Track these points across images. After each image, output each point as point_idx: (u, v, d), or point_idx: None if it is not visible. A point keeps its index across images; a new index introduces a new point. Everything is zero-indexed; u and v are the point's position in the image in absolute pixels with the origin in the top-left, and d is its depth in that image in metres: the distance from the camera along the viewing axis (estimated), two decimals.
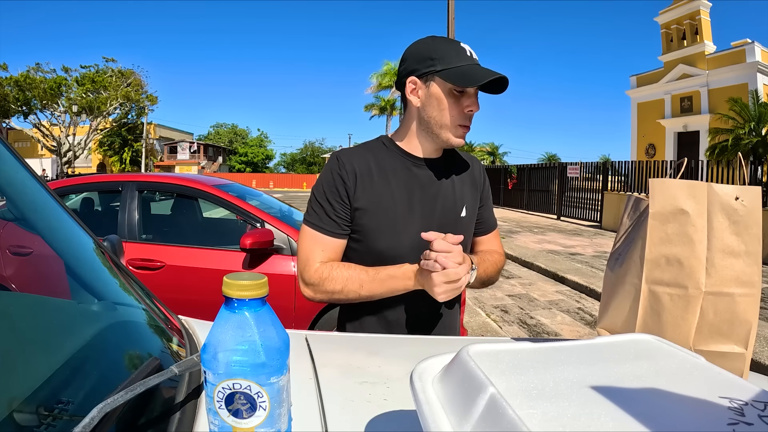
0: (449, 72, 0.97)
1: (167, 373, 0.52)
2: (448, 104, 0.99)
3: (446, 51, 0.99)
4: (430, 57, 0.99)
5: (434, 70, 0.98)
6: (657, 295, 0.74)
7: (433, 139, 1.04)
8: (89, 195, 3.62)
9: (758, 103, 13.27)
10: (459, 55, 0.99)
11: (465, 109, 1.00)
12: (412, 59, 1.02)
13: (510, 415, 0.32)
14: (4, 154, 0.71)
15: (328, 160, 1.07)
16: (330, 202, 1.02)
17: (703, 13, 17.44)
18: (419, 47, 1.02)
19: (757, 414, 0.33)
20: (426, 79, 1.00)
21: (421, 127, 1.04)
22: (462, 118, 1.00)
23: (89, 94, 27.12)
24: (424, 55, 1.00)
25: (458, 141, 1.03)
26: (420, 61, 1.01)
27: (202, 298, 2.61)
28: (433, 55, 0.99)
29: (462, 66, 0.97)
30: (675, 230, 0.74)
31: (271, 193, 4.86)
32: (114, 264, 0.82)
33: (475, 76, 0.95)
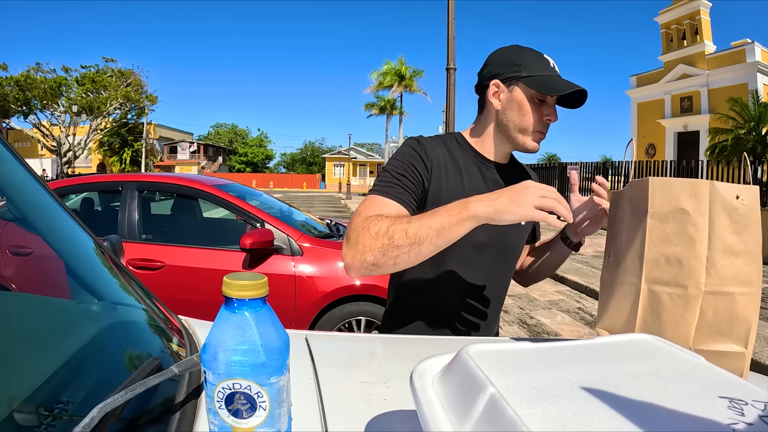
0: (534, 79, 1.00)
1: (167, 373, 0.52)
2: (529, 110, 1.02)
3: (531, 59, 1.03)
4: (516, 63, 1.03)
5: (519, 76, 1.02)
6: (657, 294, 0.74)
7: (509, 143, 1.07)
8: (89, 195, 3.62)
9: (758, 103, 13.27)
10: (543, 65, 1.03)
11: (544, 117, 1.03)
12: (496, 63, 1.06)
13: (510, 415, 0.32)
14: (4, 154, 0.71)
15: (406, 141, 1.06)
16: (406, 176, 0.97)
17: (703, 13, 17.44)
18: (505, 53, 1.06)
19: (757, 414, 0.33)
20: (510, 83, 1.03)
21: (498, 130, 1.07)
22: (540, 125, 1.04)
23: (89, 94, 27.11)
24: (509, 61, 1.04)
25: (534, 146, 1.06)
26: (505, 65, 1.04)
27: (202, 298, 2.61)
28: (519, 61, 1.03)
29: (546, 75, 1.01)
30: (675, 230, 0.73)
31: (271, 193, 4.86)
32: (114, 264, 0.82)
33: (558, 86, 0.99)
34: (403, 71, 29.04)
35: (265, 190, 5.57)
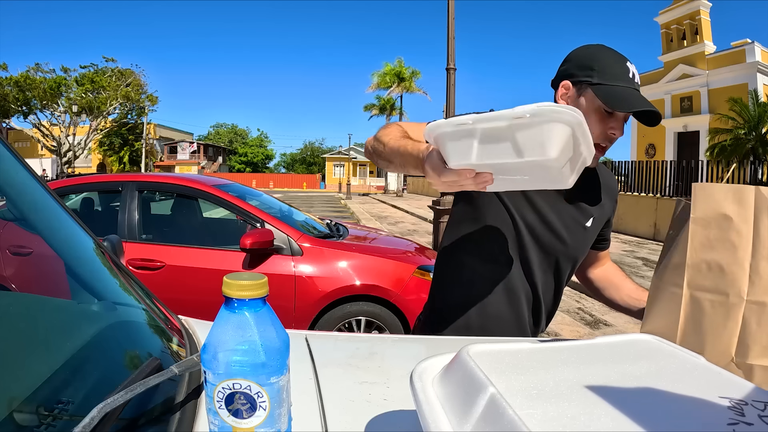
0: (603, 88, 0.93)
1: (167, 373, 0.52)
2: (594, 121, 0.95)
3: (608, 65, 0.95)
4: (591, 66, 0.96)
5: (590, 82, 0.95)
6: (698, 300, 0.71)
7: None
8: (89, 195, 3.62)
9: (758, 103, 13.27)
10: (620, 74, 0.94)
11: (609, 130, 0.96)
12: (572, 63, 1.00)
13: (510, 415, 0.32)
14: (4, 154, 0.71)
15: None
16: None
17: (703, 13, 17.44)
18: (584, 52, 1.00)
19: (757, 414, 0.33)
20: (580, 87, 0.97)
21: None
22: (602, 138, 0.96)
23: (89, 94, 27.10)
24: (585, 63, 0.97)
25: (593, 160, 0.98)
26: (580, 67, 0.98)
27: (202, 298, 2.61)
28: (595, 65, 0.96)
29: (618, 86, 0.93)
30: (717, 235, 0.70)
31: (271, 193, 4.86)
32: (114, 264, 0.82)
33: (626, 101, 0.92)
34: (402, 72, 29.06)
35: (265, 190, 5.57)
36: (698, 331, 0.71)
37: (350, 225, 4.23)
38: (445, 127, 0.66)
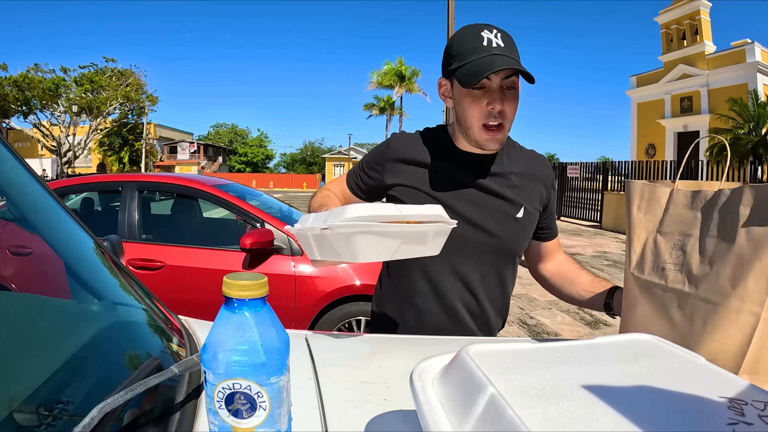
0: (460, 71, 0.91)
1: (167, 373, 0.52)
2: (469, 103, 0.94)
3: (462, 44, 0.92)
4: (450, 55, 0.94)
5: (452, 69, 0.94)
6: None
7: (468, 140, 1.00)
8: (89, 195, 3.63)
9: (757, 103, 13.27)
10: (473, 48, 0.90)
11: (487, 108, 0.92)
12: (443, 58, 0.98)
13: (510, 415, 0.32)
14: (4, 154, 0.71)
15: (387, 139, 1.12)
16: (365, 167, 1.09)
17: (703, 13, 17.44)
18: (447, 43, 0.98)
19: (757, 414, 0.33)
20: (450, 79, 0.97)
21: (458, 126, 1.01)
22: (485, 117, 0.93)
23: (88, 94, 27.10)
24: (446, 53, 0.96)
25: (487, 143, 0.96)
26: (445, 60, 0.97)
27: (202, 298, 2.61)
28: (452, 51, 0.94)
29: (472, 61, 0.90)
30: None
31: (271, 193, 4.86)
32: (114, 264, 0.82)
33: (477, 74, 0.88)
34: (402, 71, 29.07)
35: (265, 190, 5.57)
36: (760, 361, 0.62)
37: None
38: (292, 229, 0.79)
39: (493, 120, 0.93)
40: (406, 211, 0.70)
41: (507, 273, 1.08)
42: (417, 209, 0.73)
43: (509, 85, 0.93)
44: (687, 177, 9.57)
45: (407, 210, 0.70)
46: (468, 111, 0.94)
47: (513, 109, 0.95)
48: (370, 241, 0.65)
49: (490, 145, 0.97)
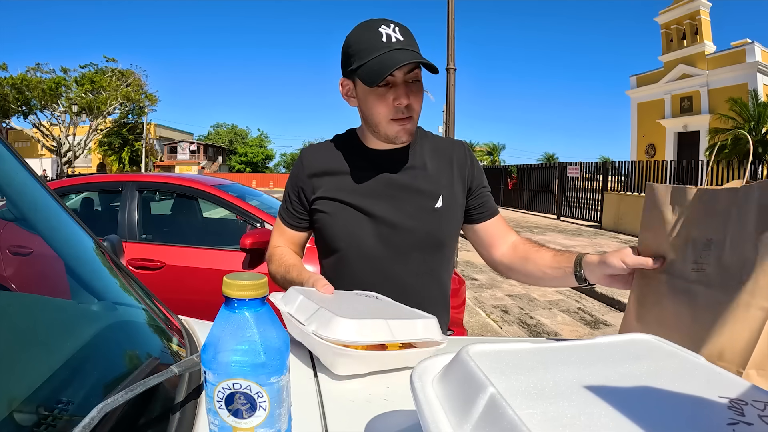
0: (362, 69, 0.90)
1: (167, 373, 0.52)
2: (374, 101, 0.93)
3: (360, 43, 0.91)
4: (349, 54, 0.94)
5: (353, 69, 0.92)
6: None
7: (377, 137, 0.99)
8: (89, 195, 3.62)
9: (757, 102, 13.27)
10: (372, 45, 0.90)
11: (394, 104, 0.92)
12: (341, 59, 0.97)
13: (510, 415, 0.32)
14: (4, 154, 0.71)
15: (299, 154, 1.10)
16: (290, 196, 1.08)
17: (703, 13, 17.44)
18: (344, 43, 0.96)
19: (757, 414, 0.33)
20: (352, 79, 0.96)
21: (365, 125, 1.01)
22: (393, 112, 0.93)
23: (89, 94, 27.10)
24: (345, 53, 0.95)
25: (398, 136, 0.95)
26: (344, 60, 0.96)
27: (202, 298, 2.61)
28: (351, 50, 0.93)
29: (374, 58, 0.89)
30: None
31: (271, 193, 4.86)
32: (114, 264, 0.82)
33: (379, 72, 0.87)
34: None
35: (265, 190, 5.57)
36: None
37: None
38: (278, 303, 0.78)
39: (401, 114, 0.94)
40: (398, 333, 0.66)
41: (439, 266, 1.05)
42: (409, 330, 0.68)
43: (413, 78, 0.94)
44: (687, 177, 9.57)
45: (399, 332, 0.67)
46: (374, 109, 0.94)
47: (419, 101, 0.96)
48: (351, 361, 0.64)
49: (402, 137, 0.97)
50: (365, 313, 0.70)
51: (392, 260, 1.00)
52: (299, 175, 1.06)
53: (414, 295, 1.00)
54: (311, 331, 0.65)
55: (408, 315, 0.73)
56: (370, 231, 1.00)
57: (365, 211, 1.00)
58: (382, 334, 0.65)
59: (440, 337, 0.72)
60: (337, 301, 0.77)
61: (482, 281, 5.84)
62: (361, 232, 1.00)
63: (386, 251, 1.00)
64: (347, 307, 0.73)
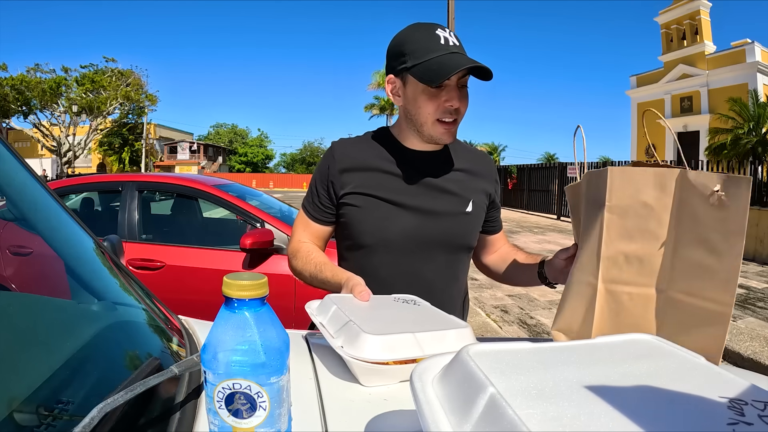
0: (418, 68, 0.92)
1: (167, 373, 0.52)
2: (425, 101, 0.95)
3: (417, 42, 0.93)
4: (402, 53, 0.95)
5: (406, 67, 0.94)
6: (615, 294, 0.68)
7: (419, 136, 1.01)
8: (89, 195, 3.62)
9: (757, 102, 13.26)
10: (430, 46, 0.92)
11: (444, 104, 0.94)
12: (389, 56, 0.99)
13: (510, 415, 0.32)
14: (4, 154, 0.71)
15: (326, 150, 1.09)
16: (318, 189, 1.06)
17: (703, 13, 17.44)
18: (395, 41, 0.98)
19: (757, 414, 0.33)
20: (402, 77, 0.97)
21: (408, 124, 1.02)
22: (441, 113, 0.95)
23: (89, 94, 27.10)
24: (397, 51, 0.96)
25: (442, 137, 0.98)
26: (394, 57, 0.97)
27: (202, 298, 2.61)
28: (405, 49, 0.94)
29: (431, 59, 0.91)
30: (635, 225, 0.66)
31: (271, 193, 4.86)
32: (114, 264, 0.82)
33: (441, 70, 0.89)
34: None
35: (265, 190, 5.57)
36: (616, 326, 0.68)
37: None
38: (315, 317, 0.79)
39: (449, 116, 0.96)
40: (427, 347, 0.64)
41: (460, 267, 1.09)
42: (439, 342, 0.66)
43: (463, 84, 0.96)
44: None
45: (428, 346, 0.65)
46: (423, 108, 0.96)
47: (466, 106, 0.98)
48: (379, 375, 0.64)
49: (445, 139, 0.99)
50: (395, 326, 0.68)
51: (419, 259, 1.02)
52: (330, 169, 1.04)
53: (438, 293, 1.02)
54: (338, 346, 0.65)
55: (442, 324, 0.71)
56: (401, 228, 1.00)
57: (397, 208, 1.00)
58: (410, 351, 0.63)
59: None
60: (369, 311, 0.76)
61: (482, 281, 5.84)
62: (392, 228, 1.00)
63: (414, 249, 1.01)
64: (378, 319, 0.71)
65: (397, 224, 1.00)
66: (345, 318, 0.69)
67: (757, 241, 7.57)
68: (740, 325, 4.17)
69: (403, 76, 0.97)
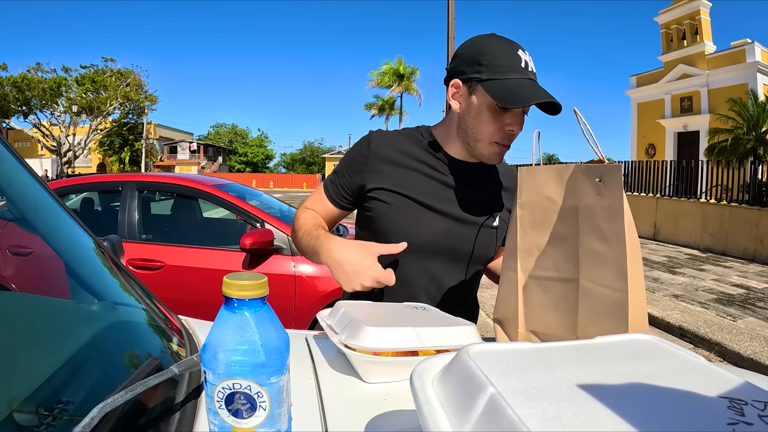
0: (494, 84, 0.88)
1: (167, 373, 0.52)
2: (488, 118, 0.91)
3: (498, 57, 0.89)
4: (479, 62, 0.90)
5: (479, 78, 0.90)
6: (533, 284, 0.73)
7: (468, 149, 0.99)
8: (89, 195, 3.63)
9: (756, 102, 13.26)
10: (511, 65, 0.88)
11: (506, 128, 0.92)
12: (461, 59, 0.94)
13: (510, 415, 0.32)
14: (4, 154, 0.71)
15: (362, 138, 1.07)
16: (343, 173, 1.04)
17: (703, 13, 17.43)
18: (472, 46, 0.93)
19: (757, 414, 0.33)
20: (470, 85, 0.92)
21: (459, 133, 0.99)
22: (500, 135, 0.93)
23: (89, 94, 27.10)
24: (473, 58, 0.91)
25: (491, 158, 0.96)
26: (468, 63, 0.92)
27: (202, 298, 2.61)
28: (482, 59, 0.90)
29: (510, 80, 0.88)
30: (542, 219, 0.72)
31: (271, 193, 4.86)
32: (114, 264, 0.82)
33: (519, 96, 0.86)
34: (401, 70, 29.03)
35: (265, 190, 5.57)
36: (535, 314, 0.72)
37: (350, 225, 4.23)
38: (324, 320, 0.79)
39: (507, 140, 0.95)
40: (427, 340, 0.65)
41: (476, 278, 1.10)
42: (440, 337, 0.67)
43: (527, 111, 0.95)
44: (687, 177, 9.58)
45: (429, 339, 0.65)
46: (485, 126, 0.93)
47: (520, 130, 0.96)
48: (379, 368, 0.64)
49: (495, 160, 0.98)
50: (398, 322, 0.69)
51: (441, 264, 1.02)
52: (365, 155, 1.01)
53: (452, 298, 1.03)
54: (339, 340, 0.66)
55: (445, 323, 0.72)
56: (428, 232, 0.99)
57: (428, 211, 0.99)
58: (409, 342, 0.64)
59: None
60: (377, 312, 0.77)
61: (482, 281, 5.83)
62: (419, 230, 0.99)
63: (438, 254, 1.01)
64: (383, 318, 0.72)
65: (426, 227, 0.99)
66: (351, 317, 0.70)
67: (757, 241, 7.57)
68: (740, 325, 4.17)
69: (472, 85, 0.92)
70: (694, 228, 8.84)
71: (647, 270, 6.57)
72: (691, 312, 4.53)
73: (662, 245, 9.06)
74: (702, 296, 5.19)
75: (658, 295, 5.19)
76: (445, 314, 0.81)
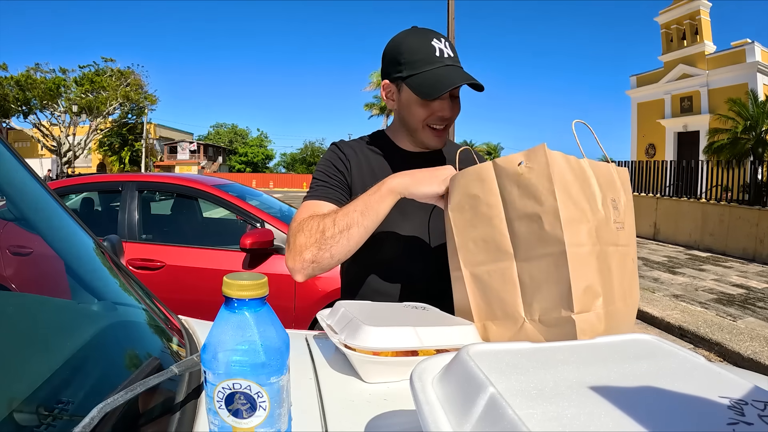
0: (414, 80, 0.94)
1: (167, 373, 0.52)
2: (418, 109, 0.97)
3: (413, 53, 0.94)
4: (399, 60, 0.96)
5: (401, 77, 0.96)
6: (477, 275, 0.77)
7: (412, 140, 1.06)
8: (89, 195, 3.63)
9: (756, 102, 13.25)
10: (426, 58, 0.94)
11: (437, 113, 0.97)
12: (385, 60, 1.01)
13: (510, 415, 0.32)
14: (4, 154, 0.71)
15: (328, 148, 1.10)
16: (329, 176, 1.03)
17: (703, 13, 17.42)
18: (392, 45, 0.99)
19: (757, 414, 0.33)
20: (397, 84, 0.99)
21: (402, 127, 1.06)
22: (433, 120, 0.98)
23: (88, 94, 27.10)
24: (393, 57, 0.98)
25: (433, 142, 1.02)
26: (391, 63, 0.99)
27: (202, 298, 2.61)
28: (401, 58, 0.96)
29: (427, 71, 0.93)
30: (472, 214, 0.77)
31: (271, 193, 4.86)
32: (114, 264, 0.82)
33: (437, 86, 0.91)
34: None
35: (265, 190, 5.57)
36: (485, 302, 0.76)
37: None
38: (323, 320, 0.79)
39: (439, 124, 1.00)
40: (426, 340, 0.66)
41: None
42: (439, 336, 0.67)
43: (455, 94, 0.99)
44: (687, 177, 9.58)
45: (428, 338, 0.66)
46: (416, 116, 0.99)
47: (456, 114, 1.01)
48: (379, 368, 0.64)
49: (435, 144, 1.03)
50: (398, 322, 0.70)
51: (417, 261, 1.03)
52: (342, 160, 1.03)
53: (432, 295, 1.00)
54: (339, 340, 0.66)
55: (445, 322, 0.73)
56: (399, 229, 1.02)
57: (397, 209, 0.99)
58: (409, 341, 0.65)
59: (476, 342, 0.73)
60: (376, 312, 0.77)
61: None
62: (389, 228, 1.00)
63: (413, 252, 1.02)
64: (382, 317, 0.72)
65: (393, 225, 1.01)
66: (350, 317, 0.71)
67: (757, 241, 7.57)
68: (740, 325, 4.17)
69: (397, 83, 0.99)
70: (694, 228, 8.84)
71: (647, 270, 6.57)
72: (691, 312, 4.53)
73: (662, 245, 9.06)
74: (702, 296, 5.19)
75: (658, 294, 5.19)
76: (445, 314, 0.82)
